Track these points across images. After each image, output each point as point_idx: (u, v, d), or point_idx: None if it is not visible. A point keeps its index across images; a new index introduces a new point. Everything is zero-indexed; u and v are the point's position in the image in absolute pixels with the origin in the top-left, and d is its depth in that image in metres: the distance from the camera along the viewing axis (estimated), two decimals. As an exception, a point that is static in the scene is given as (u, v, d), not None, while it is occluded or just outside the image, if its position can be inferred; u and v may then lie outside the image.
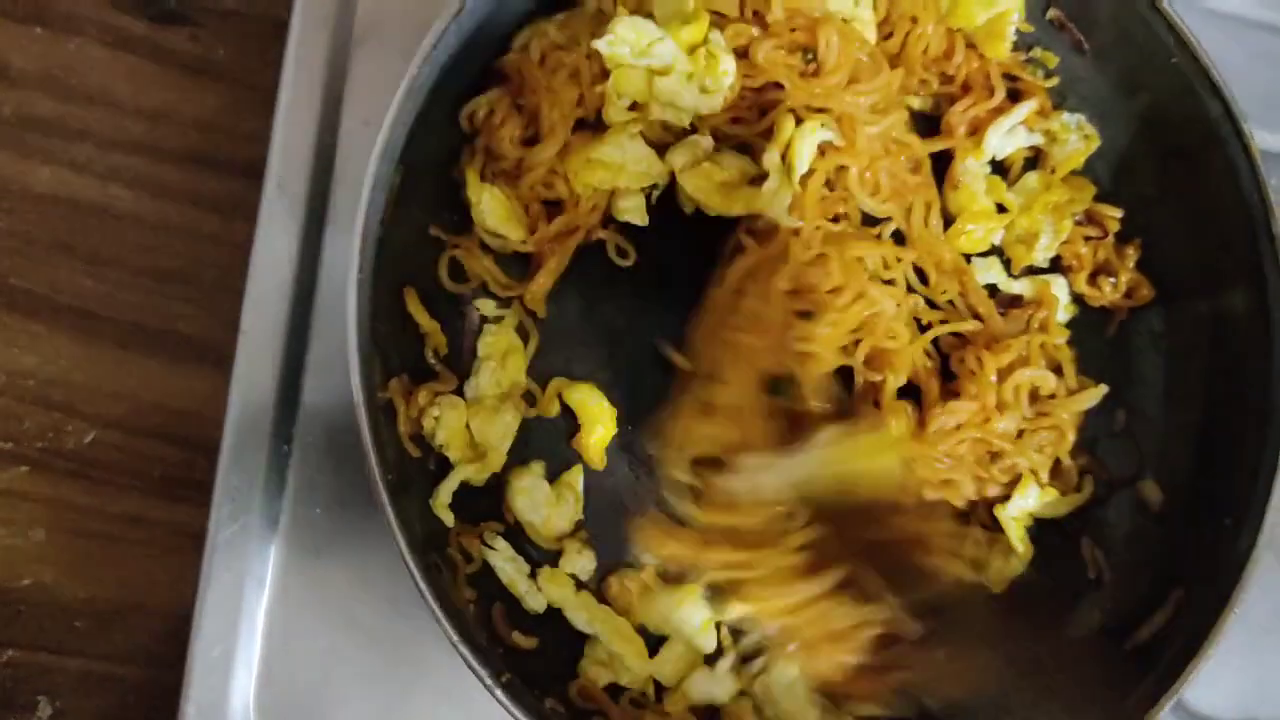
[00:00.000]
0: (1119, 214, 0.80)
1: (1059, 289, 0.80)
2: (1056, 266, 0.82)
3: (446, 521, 0.71)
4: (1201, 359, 0.78)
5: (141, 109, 0.86)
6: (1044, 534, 0.78)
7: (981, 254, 0.81)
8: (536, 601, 0.72)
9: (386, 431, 0.67)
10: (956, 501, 0.76)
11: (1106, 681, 0.63)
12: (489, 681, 0.61)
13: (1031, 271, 0.82)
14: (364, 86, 0.79)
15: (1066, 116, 0.82)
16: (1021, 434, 0.77)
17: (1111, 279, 0.80)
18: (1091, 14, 0.79)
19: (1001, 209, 0.81)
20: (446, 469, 0.72)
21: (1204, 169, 0.76)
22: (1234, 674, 0.80)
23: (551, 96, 0.75)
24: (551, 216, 0.77)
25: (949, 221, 0.80)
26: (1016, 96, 0.81)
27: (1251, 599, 0.68)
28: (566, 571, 0.74)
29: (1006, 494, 0.77)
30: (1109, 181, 0.82)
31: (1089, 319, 0.81)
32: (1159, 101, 0.77)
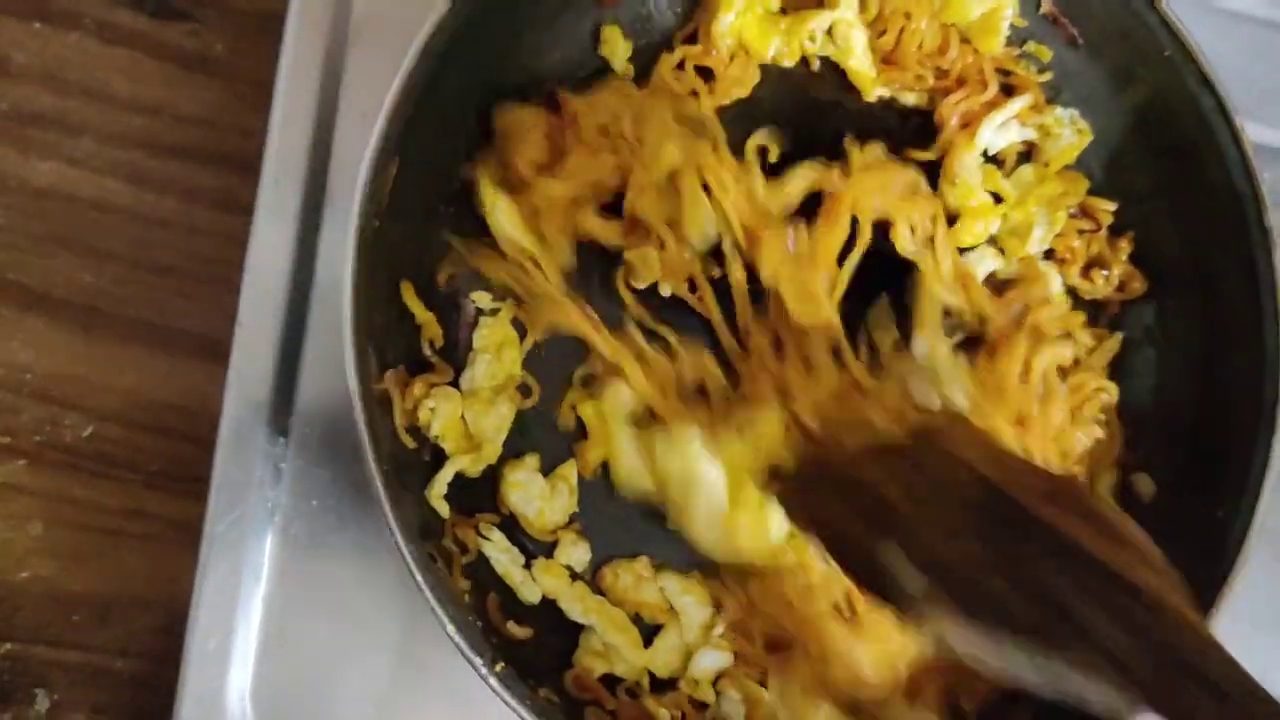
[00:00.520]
0: (1112, 207, 0.80)
1: (1053, 282, 0.80)
2: (1049, 259, 0.81)
3: (441, 513, 0.71)
4: (1194, 352, 0.78)
5: (139, 104, 0.87)
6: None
7: (975, 244, 0.81)
8: (531, 592, 0.73)
9: (382, 423, 0.67)
10: None
11: None
12: (484, 671, 0.62)
13: (1021, 262, 0.82)
14: (360, 80, 0.79)
15: (1060, 111, 0.82)
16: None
17: (1104, 272, 0.80)
18: (1085, 8, 0.79)
19: (998, 199, 0.81)
20: (442, 460, 0.72)
21: (1197, 163, 0.76)
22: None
23: (588, 160, 0.74)
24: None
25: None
26: (1010, 91, 0.82)
27: (1248, 592, 0.68)
28: (561, 563, 0.74)
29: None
30: (1102, 175, 0.82)
31: (1081, 312, 0.81)
32: (1152, 96, 0.77)
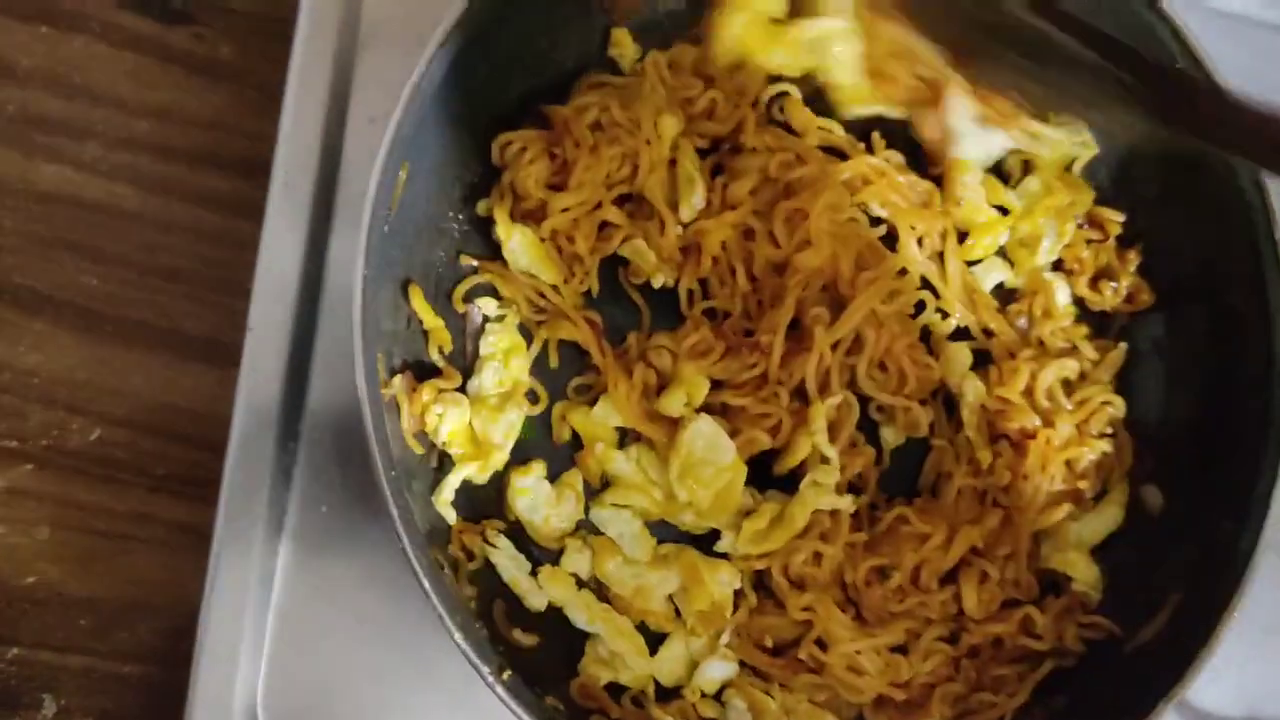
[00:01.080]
0: (1121, 218, 0.80)
1: (1060, 293, 0.80)
2: (1058, 270, 0.81)
3: (448, 519, 0.72)
4: (1202, 364, 0.77)
5: (146, 108, 0.87)
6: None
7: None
8: (538, 600, 0.73)
9: (390, 428, 0.67)
10: None
11: None
12: (490, 678, 0.62)
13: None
14: (370, 84, 0.80)
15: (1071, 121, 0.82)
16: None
17: (1113, 283, 0.80)
18: (1095, 17, 0.78)
19: (1003, 211, 0.81)
20: (449, 466, 0.73)
21: (1205, 174, 0.75)
22: (1238, 671, 0.79)
23: (592, 159, 0.75)
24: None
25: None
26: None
27: (1256, 597, 0.68)
28: (568, 570, 0.74)
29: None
30: (1110, 186, 0.82)
31: (1089, 323, 0.81)
32: (1162, 106, 0.77)
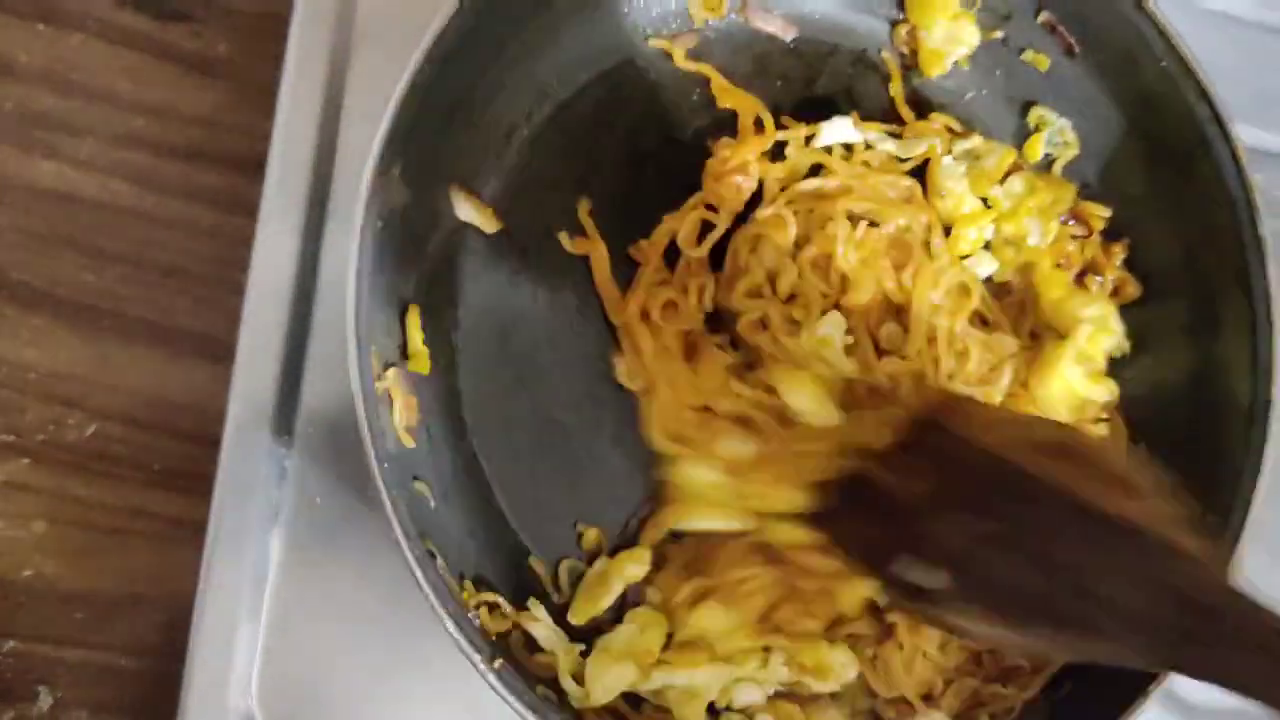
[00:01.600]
0: (1106, 213, 0.81)
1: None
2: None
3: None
4: (1187, 358, 0.78)
5: (143, 105, 0.87)
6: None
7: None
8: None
9: (383, 422, 0.67)
10: None
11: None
12: (482, 667, 0.62)
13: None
14: (365, 81, 0.80)
15: (1058, 120, 0.83)
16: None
17: (1098, 278, 0.80)
18: (1081, 17, 0.79)
19: (987, 204, 0.82)
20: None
21: (1191, 170, 0.76)
22: None
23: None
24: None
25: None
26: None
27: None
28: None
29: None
30: (1097, 181, 0.82)
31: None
32: (1147, 103, 0.78)
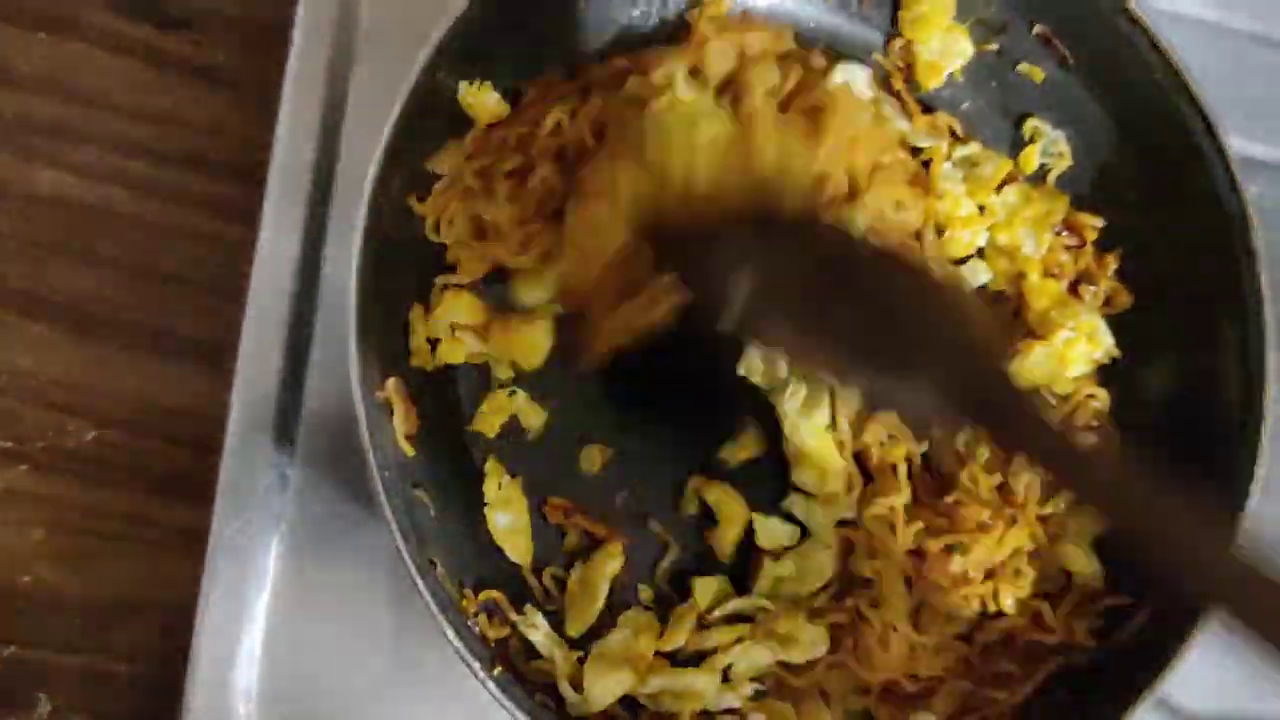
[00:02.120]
0: (1099, 223, 0.82)
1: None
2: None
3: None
4: (1180, 367, 0.79)
5: (142, 113, 0.87)
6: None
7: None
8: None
9: (384, 430, 0.68)
10: None
11: None
12: (481, 675, 0.63)
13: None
14: (366, 90, 0.80)
15: (1052, 132, 0.84)
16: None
17: (1091, 287, 0.81)
18: (1075, 29, 0.80)
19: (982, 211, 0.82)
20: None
21: (1184, 181, 0.77)
22: (1220, 670, 0.76)
23: None
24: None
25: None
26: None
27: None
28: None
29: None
30: (1090, 192, 0.83)
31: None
32: (1140, 114, 0.79)
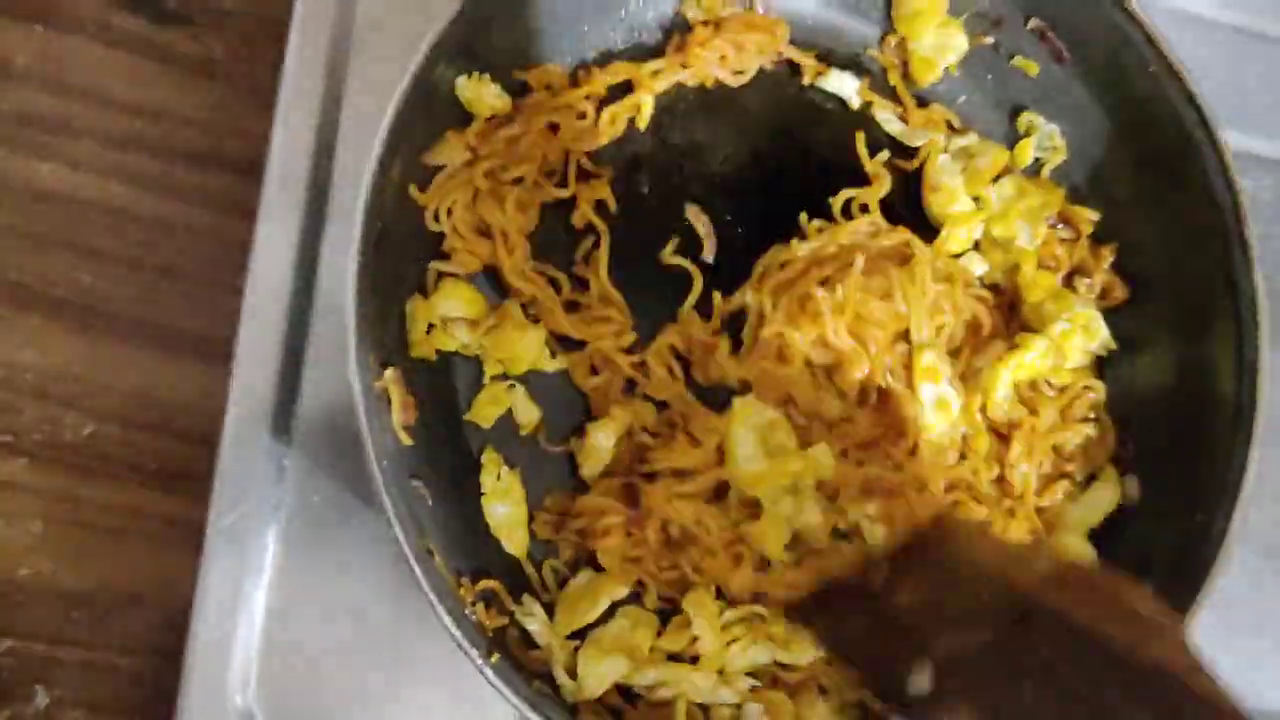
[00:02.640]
0: (1095, 216, 0.82)
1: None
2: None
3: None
4: (1173, 360, 0.79)
5: (141, 107, 0.87)
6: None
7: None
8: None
9: (381, 421, 0.68)
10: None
11: None
12: (479, 663, 0.63)
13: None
14: (364, 84, 0.80)
15: (1047, 125, 0.84)
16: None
17: (1087, 280, 0.81)
18: (1070, 23, 0.81)
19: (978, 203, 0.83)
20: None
21: (1179, 174, 0.77)
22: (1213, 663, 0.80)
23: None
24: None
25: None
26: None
27: (1233, 593, 0.70)
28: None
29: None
30: (1085, 185, 0.84)
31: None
32: (1135, 108, 0.79)
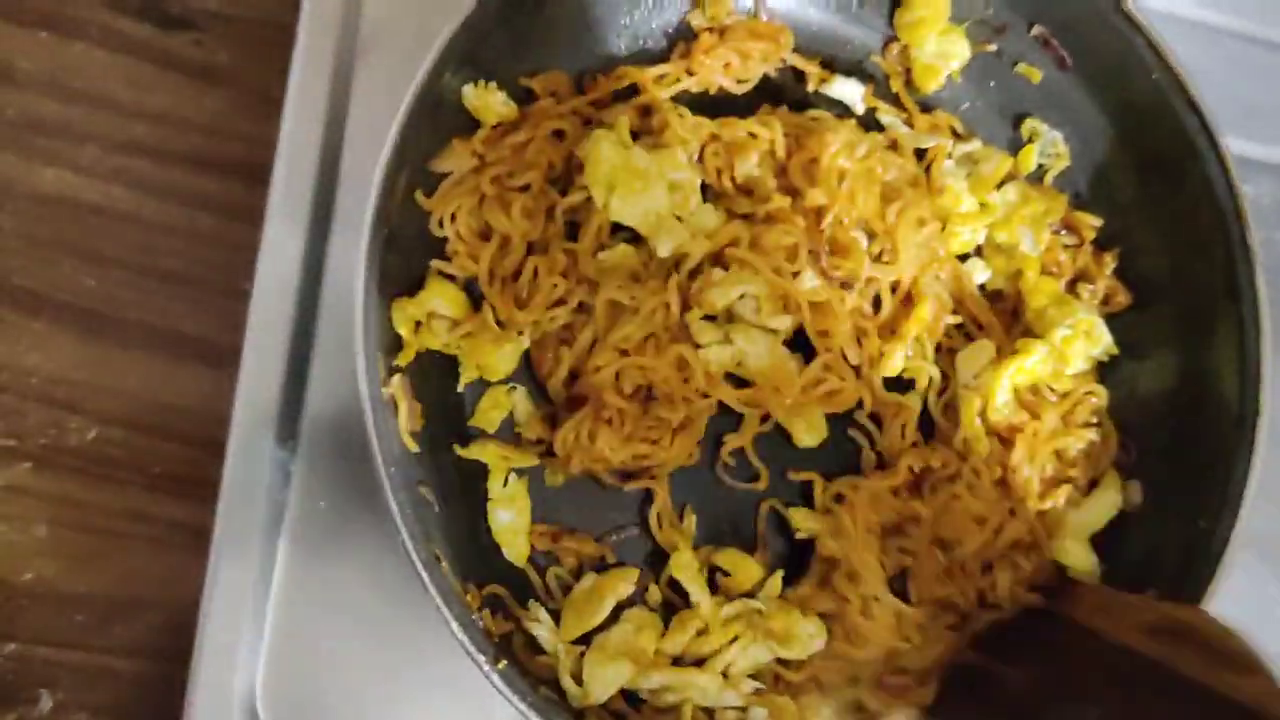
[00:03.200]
0: (1098, 222, 0.82)
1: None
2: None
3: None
4: (1176, 366, 0.79)
5: (145, 112, 0.88)
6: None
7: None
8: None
9: (388, 426, 0.68)
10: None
11: None
12: (486, 668, 0.63)
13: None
14: (370, 91, 0.81)
15: (1050, 132, 0.84)
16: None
17: (1090, 286, 0.81)
18: (1073, 30, 0.81)
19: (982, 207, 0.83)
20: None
21: (1181, 180, 0.78)
22: None
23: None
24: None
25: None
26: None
27: (1235, 596, 0.70)
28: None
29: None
30: (1088, 191, 0.84)
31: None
32: (1138, 114, 0.79)
